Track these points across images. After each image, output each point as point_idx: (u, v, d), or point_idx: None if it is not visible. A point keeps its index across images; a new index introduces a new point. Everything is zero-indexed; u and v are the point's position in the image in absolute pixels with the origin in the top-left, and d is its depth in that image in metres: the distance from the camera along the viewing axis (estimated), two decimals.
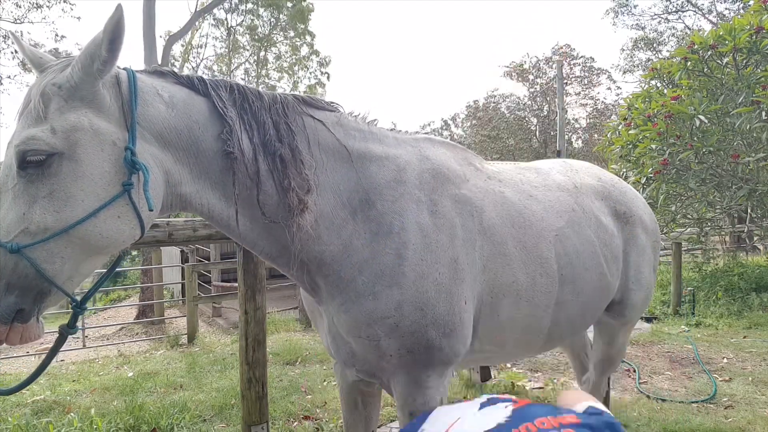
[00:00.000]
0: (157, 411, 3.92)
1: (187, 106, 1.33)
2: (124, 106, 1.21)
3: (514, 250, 1.73)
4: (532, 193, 1.91)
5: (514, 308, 1.73)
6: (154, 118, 1.26)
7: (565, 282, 1.84)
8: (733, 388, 4.41)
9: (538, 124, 25.24)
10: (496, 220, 1.71)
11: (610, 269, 2.04)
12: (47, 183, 1.12)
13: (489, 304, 1.68)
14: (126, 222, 1.20)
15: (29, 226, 1.10)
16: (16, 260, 1.09)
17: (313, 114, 1.53)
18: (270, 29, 22.15)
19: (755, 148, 4.90)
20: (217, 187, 1.37)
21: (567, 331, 1.94)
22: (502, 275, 1.69)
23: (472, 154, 1.92)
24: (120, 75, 1.25)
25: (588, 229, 1.98)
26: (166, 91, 1.31)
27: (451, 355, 1.58)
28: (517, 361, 5.24)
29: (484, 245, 1.66)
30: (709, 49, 4.87)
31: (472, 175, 1.78)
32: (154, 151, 1.25)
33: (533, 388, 4.46)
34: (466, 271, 1.59)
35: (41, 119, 1.14)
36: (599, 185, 2.20)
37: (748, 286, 8.00)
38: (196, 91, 1.37)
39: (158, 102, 1.28)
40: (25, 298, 1.12)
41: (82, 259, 1.17)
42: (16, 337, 1.13)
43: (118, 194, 1.17)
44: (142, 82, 1.28)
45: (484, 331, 1.71)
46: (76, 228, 1.12)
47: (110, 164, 1.17)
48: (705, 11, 21.01)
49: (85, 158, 1.15)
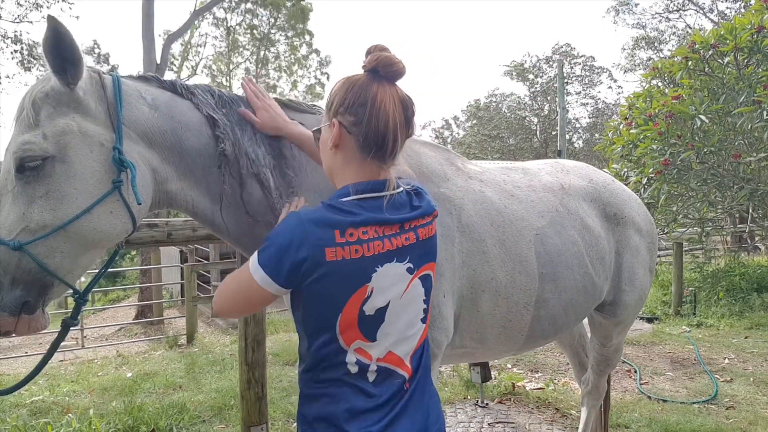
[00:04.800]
0: (156, 412, 3.91)
1: (170, 108, 1.39)
2: (109, 109, 1.30)
3: (493, 248, 1.75)
4: (513, 193, 1.93)
5: (493, 304, 1.76)
6: (139, 119, 1.33)
7: (546, 281, 1.87)
8: (735, 389, 4.40)
9: (539, 124, 25.24)
10: (475, 219, 1.74)
11: (596, 270, 2.05)
12: (43, 184, 1.20)
13: (469, 299, 1.71)
14: (118, 217, 1.28)
15: (29, 224, 1.19)
16: (19, 256, 1.18)
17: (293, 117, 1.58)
18: (269, 28, 22.15)
19: (756, 147, 4.88)
20: (201, 184, 1.43)
21: (549, 329, 1.96)
22: (481, 272, 1.72)
23: (454, 155, 1.94)
24: (105, 80, 1.33)
25: (572, 229, 1.99)
26: (149, 93, 1.38)
27: (433, 346, 1.60)
28: (517, 362, 5.23)
29: (463, 242, 1.69)
30: (710, 49, 4.85)
31: (452, 175, 1.81)
32: (140, 150, 1.32)
33: (533, 389, 4.45)
34: (444, 266, 1.62)
35: (33, 125, 1.23)
36: (589, 186, 2.20)
37: (749, 286, 7.98)
38: (178, 94, 1.43)
39: (142, 104, 1.35)
40: (30, 291, 1.21)
41: (80, 253, 1.26)
42: (24, 328, 1.22)
43: (109, 191, 1.25)
44: (127, 86, 1.35)
45: (465, 325, 1.74)
46: (72, 224, 1.20)
47: (99, 164, 1.25)
48: (706, 10, 21.01)
49: (75, 159, 1.23)
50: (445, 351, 1.70)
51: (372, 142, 1.10)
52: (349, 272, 1.04)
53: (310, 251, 1.02)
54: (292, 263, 1.03)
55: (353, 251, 1.04)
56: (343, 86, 1.14)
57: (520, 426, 3.71)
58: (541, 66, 24.97)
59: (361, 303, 1.07)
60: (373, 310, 1.08)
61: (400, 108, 1.12)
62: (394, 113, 1.11)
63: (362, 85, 1.12)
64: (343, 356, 1.08)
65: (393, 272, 1.10)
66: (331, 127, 1.14)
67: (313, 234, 1.03)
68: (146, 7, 12.93)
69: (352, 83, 1.13)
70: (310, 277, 1.04)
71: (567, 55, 24.36)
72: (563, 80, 16.38)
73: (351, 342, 1.08)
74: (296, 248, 1.03)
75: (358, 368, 1.09)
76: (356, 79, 1.14)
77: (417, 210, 1.15)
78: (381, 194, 1.10)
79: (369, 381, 1.10)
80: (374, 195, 1.10)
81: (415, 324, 1.16)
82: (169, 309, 12.02)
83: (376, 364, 1.11)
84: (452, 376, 4.78)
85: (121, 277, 17.53)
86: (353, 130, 1.11)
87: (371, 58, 1.14)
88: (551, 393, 4.32)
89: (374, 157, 1.12)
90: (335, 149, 1.14)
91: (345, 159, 1.14)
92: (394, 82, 1.15)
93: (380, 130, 1.10)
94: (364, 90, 1.11)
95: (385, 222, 1.08)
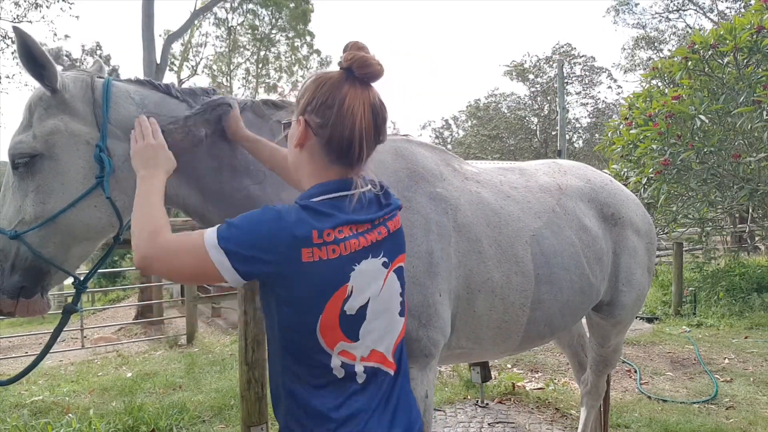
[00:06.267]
0: (156, 412, 3.91)
1: (158, 107, 1.44)
2: (96, 110, 1.37)
3: (489, 248, 1.75)
4: (510, 194, 1.93)
5: (489, 305, 1.75)
6: (125, 118, 1.39)
7: (542, 281, 1.86)
8: (735, 389, 4.40)
9: (539, 124, 25.25)
10: (471, 219, 1.74)
11: (593, 270, 2.05)
12: (34, 179, 1.31)
13: (465, 299, 1.71)
14: (102, 211, 1.36)
15: (24, 216, 1.30)
16: (17, 245, 1.30)
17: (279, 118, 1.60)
18: (270, 29, 22.16)
19: (756, 147, 4.88)
20: (190, 180, 1.48)
21: (546, 330, 1.96)
22: (477, 272, 1.71)
23: (451, 155, 1.94)
24: (95, 83, 1.40)
25: (569, 230, 1.99)
26: (138, 94, 1.44)
27: (430, 345, 1.59)
28: (517, 362, 5.23)
29: (459, 242, 1.69)
30: (710, 49, 4.85)
31: (449, 175, 1.81)
32: (126, 148, 1.37)
33: (533, 389, 4.45)
34: (441, 265, 1.61)
35: (27, 126, 1.35)
36: (586, 187, 2.20)
37: (749, 286, 7.97)
38: (170, 95, 1.48)
39: (129, 104, 1.41)
40: (27, 277, 1.32)
41: (71, 244, 1.35)
42: (24, 310, 1.33)
43: (93, 186, 1.33)
44: (116, 88, 1.42)
45: (461, 325, 1.74)
46: (60, 216, 1.30)
47: (85, 161, 1.34)
48: (706, 10, 21.01)
49: (62, 157, 1.33)
50: (442, 351, 1.69)
51: (336, 147, 1.07)
52: (326, 273, 1.02)
53: (284, 250, 0.99)
54: (262, 258, 0.99)
55: (330, 251, 1.01)
56: (314, 83, 1.10)
57: (520, 426, 3.71)
58: (541, 66, 24.98)
59: (341, 303, 1.04)
60: (354, 309, 1.06)
61: (369, 114, 1.07)
62: (361, 119, 1.06)
63: (333, 84, 1.07)
64: (327, 360, 1.05)
65: (370, 268, 1.08)
66: (298, 124, 1.10)
67: (290, 233, 0.99)
68: (146, 7, 12.93)
69: (323, 81, 1.08)
70: (281, 278, 1.01)
71: (567, 55, 24.37)
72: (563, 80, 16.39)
73: (334, 344, 1.05)
74: (270, 243, 0.99)
75: (344, 372, 1.07)
76: (329, 77, 1.09)
77: (387, 207, 1.14)
78: (348, 193, 1.08)
79: (359, 383, 1.09)
80: (342, 194, 1.08)
81: (394, 318, 1.15)
82: (170, 309, 12.01)
83: (362, 365, 1.09)
84: (452, 376, 4.79)
85: (121, 277, 17.50)
86: (318, 132, 1.07)
87: (346, 56, 1.08)
88: (551, 393, 4.32)
89: (338, 163, 1.09)
90: (299, 148, 1.11)
91: (309, 158, 1.11)
92: (369, 83, 1.10)
93: (345, 135, 1.06)
94: (333, 90, 1.07)
95: (358, 222, 1.07)
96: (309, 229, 1.00)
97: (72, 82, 1.37)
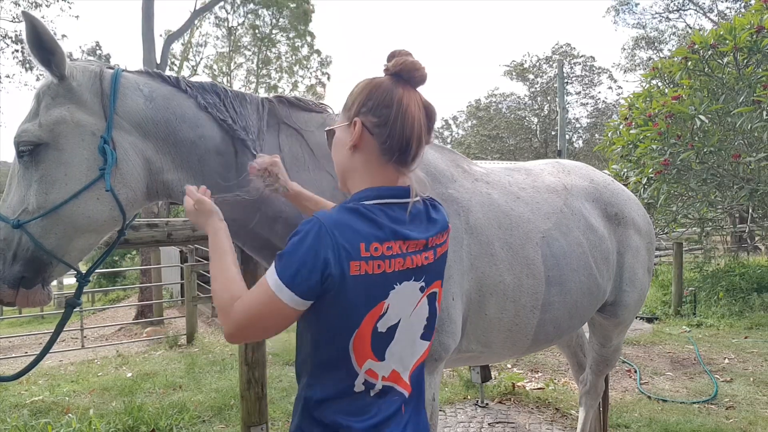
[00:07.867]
0: (156, 412, 3.91)
1: (167, 101, 1.41)
2: (104, 100, 1.34)
3: (500, 251, 1.73)
4: (519, 195, 1.91)
5: (501, 308, 1.73)
6: (132, 110, 1.36)
7: (552, 284, 1.85)
8: (735, 389, 4.40)
9: (539, 124, 25.25)
10: (482, 221, 1.72)
11: (600, 271, 2.04)
12: (39, 169, 1.29)
13: (477, 302, 1.69)
14: (105, 203, 1.33)
15: (28, 206, 1.28)
16: (20, 234, 1.28)
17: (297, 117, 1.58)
18: (271, 29, 22.16)
19: (756, 147, 4.88)
20: (197, 176, 1.44)
21: (554, 333, 1.94)
22: (489, 275, 1.69)
23: (460, 157, 1.92)
24: (105, 73, 1.37)
25: (576, 230, 1.98)
26: (147, 86, 1.41)
27: (441, 350, 1.58)
28: (517, 362, 5.23)
29: (471, 244, 1.67)
30: (710, 49, 4.85)
31: (459, 177, 1.79)
32: (133, 140, 1.36)
33: (533, 389, 4.45)
34: (453, 268, 1.60)
35: (34, 115, 1.32)
36: (591, 187, 2.19)
37: (749, 286, 7.98)
38: (179, 89, 1.45)
39: (137, 96, 1.38)
40: (28, 267, 1.30)
41: (73, 236, 1.32)
42: (24, 300, 1.32)
43: (96, 178, 1.30)
44: (125, 79, 1.39)
45: (472, 329, 1.72)
46: (62, 207, 1.28)
47: (89, 152, 1.31)
48: (706, 10, 21.01)
49: (67, 147, 1.30)
50: (451, 355, 1.67)
51: (396, 145, 1.07)
52: (369, 288, 1.01)
53: (336, 264, 0.97)
54: (317, 277, 0.97)
55: (376, 266, 1.00)
56: (366, 87, 1.11)
57: (520, 426, 3.71)
58: (541, 66, 24.98)
59: (376, 320, 1.03)
60: (386, 328, 1.05)
61: (423, 114, 1.10)
62: (419, 118, 1.08)
63: (387, 87, 1.09)
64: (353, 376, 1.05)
65: (408, 291, 1.07)
66: (351, 126, 1.09)
67: (339, 245, 0.97)
68: (146, 7, 12.94)
69: (376, 85, 1.10)
70: (332, 290, 0.99)
71: (567, 55, 24.37)
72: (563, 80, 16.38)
73: (363, 362, 1.04)
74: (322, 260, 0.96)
75: (364, 388, 1.06)
76: (380, 81, 1.11)
77: (435, 224, 1.12)
78: (404, 201, 1.07)
79: (370, 396, 1.08)
80: (397, 201, 1.07)
81: (417, 341, 1.14)
82: (169, 309, 12.01)
83: (381, 383, 1.08)
84: (452, 376, 4.78)
85: (121, 277, 17.51)
86: (376, 132, 1.07)
87: (396, 62, 1.11)
88: (551, 393, 4.32)
89: (396, 161, 1.08)
90: (353, 149, 1.10)
91: (363, 161, 1.10)
92: (416, 87, 1.12)
93: (405, 132, 1.07)
94: (389, 92, 1.08)
95: (409, 238, 1.05)
96: (357, 241, 0.99)
97: (81, 71, 1.34)
